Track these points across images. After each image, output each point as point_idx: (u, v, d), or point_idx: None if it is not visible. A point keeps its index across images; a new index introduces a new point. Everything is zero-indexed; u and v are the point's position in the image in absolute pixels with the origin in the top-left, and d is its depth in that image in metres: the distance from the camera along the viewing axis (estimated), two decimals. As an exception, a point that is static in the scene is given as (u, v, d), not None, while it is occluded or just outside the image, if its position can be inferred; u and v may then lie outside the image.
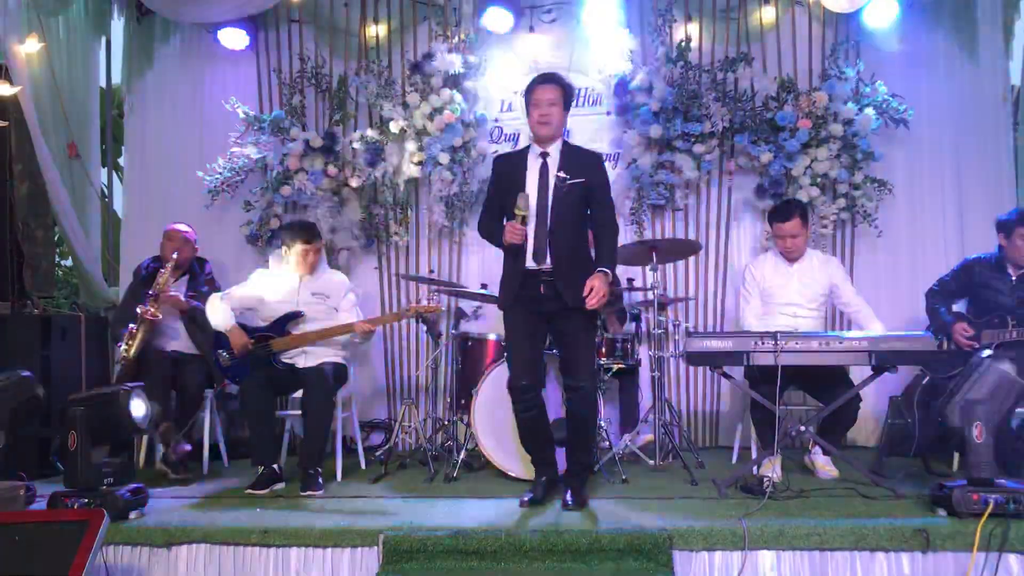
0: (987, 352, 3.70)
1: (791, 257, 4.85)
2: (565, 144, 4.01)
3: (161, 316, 4.88)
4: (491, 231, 4.09)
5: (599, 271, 3.81)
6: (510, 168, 4.02)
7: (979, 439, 3.43)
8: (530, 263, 3.89)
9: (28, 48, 5.45)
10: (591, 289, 3.73)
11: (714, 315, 5.92)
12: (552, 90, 3.93)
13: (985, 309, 4.70)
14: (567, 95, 3.98)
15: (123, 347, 4.82)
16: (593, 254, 4.06)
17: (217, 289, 5.23)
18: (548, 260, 3.86)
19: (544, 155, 3.95)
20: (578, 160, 3.96)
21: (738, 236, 5.95)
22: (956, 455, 4.58)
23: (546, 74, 4.07)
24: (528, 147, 4.07)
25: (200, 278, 5.29)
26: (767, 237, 5.66)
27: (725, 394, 5.85)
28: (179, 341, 5.12)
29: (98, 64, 6.39)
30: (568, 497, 3.84)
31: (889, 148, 5.70)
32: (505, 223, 3.89)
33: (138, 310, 4.82)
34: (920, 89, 5.77)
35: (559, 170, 3.90)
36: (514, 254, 3.94)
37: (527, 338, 3.97)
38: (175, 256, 5.02)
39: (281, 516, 3.79)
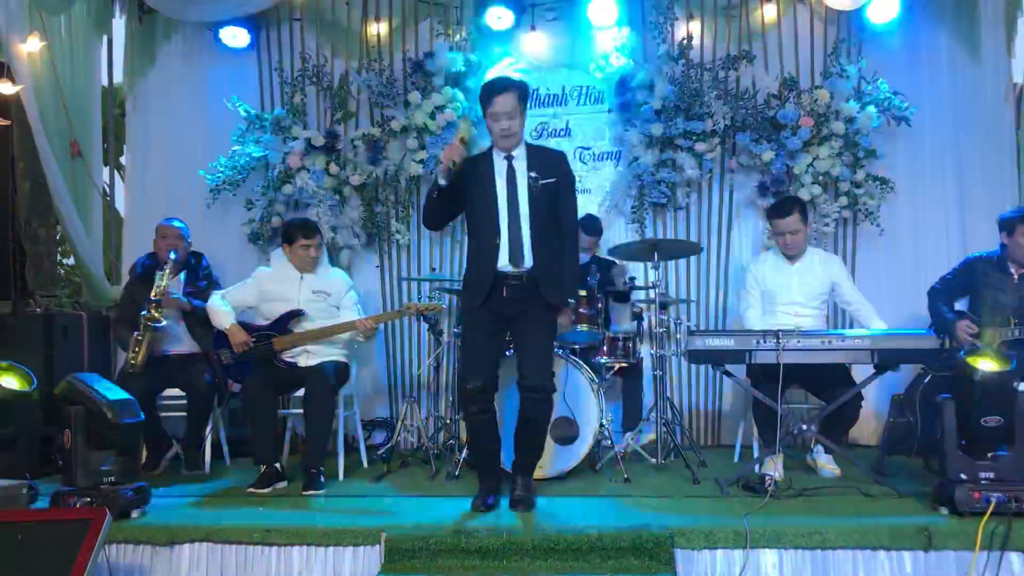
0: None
1: (791, 254, 4.84)
2: (528, 145, 3.96)
3: (165, 322, 4.87)
4: (430, 197, 3.96)
5: (564, 307, 3.90)
6: (474, 171, 3.90)
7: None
8: (504, 265, 3.82)
9: (30, 47, 5.44)
10: (563, 326, 3.93)
11: (716, 313, 5.92)
12: (510, 99, 3.80)
13: (988, 307, 4.69)
14: (524, 97, 3.87)
15: (130, 355, 4.81)
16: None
17: (215, 283, 5.24)
18: (528, 261, 3.81)
19: (509, 158, 3.88)
20: (546, 160, 3.92)
21: (740, 234, 5.94)
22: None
23: (498, 80, 3.96)
24: (490, 150, 3.96)
25: (198, 272, 5.26)
26: (768, 236, 5.65)
27: (727, 393, 5.84)
28: (182, 343, 5.12)
29: (100, 63, 6.38)
30: (516, 498, 3.83)
31: (891, 146, 5.69)
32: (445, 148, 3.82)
33: (142, 315, 4.82)
34: (922, 86, 5.76)
35: (530, 170, 3.85)
36: (484, 259, 3.86)
37: (486, 340, 3.89)
38: (172, 256, 5.01)
39: (283, 515, 3.79)
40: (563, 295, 3.86)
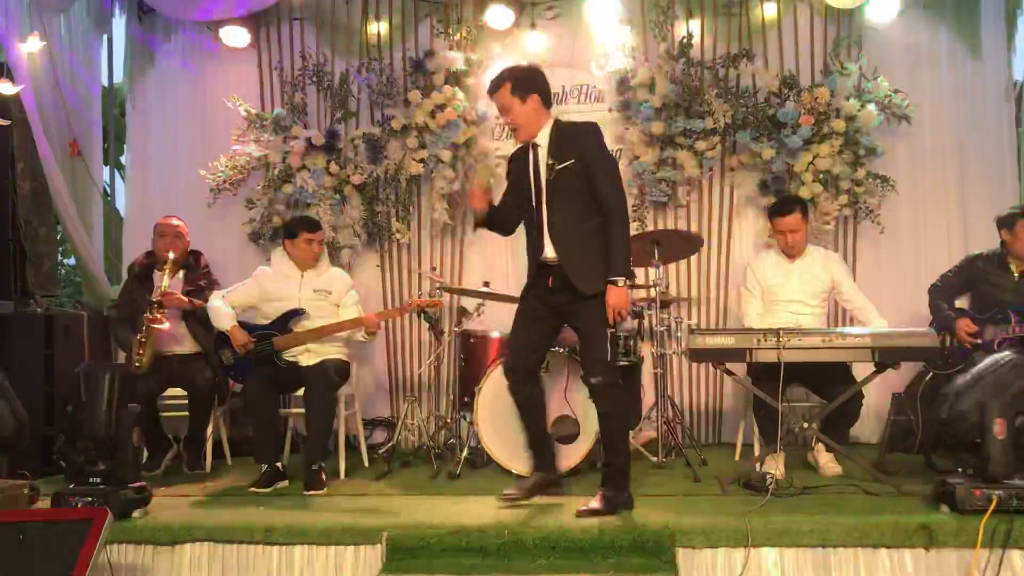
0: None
1: (792, 253, 4.84)
2: (555, 126, 3.83)
3: (168, 324, 4.87)
4: (503, 229, 4.12)
5: (610, 284, 3.64)
6: (516, 164, 3.98)
7: (1000, 435, 3.41)
8: (546, 254, 3.80)
9: (30, 47, 5.44)
10: (610, 304, 3.64)
11: (716, 312, 5.91)
12: (502, 94, 3.79)
13: (988, 305, 4.69)
14: (516, 87, 3.78)
15: (135, 356, 4.81)
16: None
17: (214, 281, 5.23)
18: (548, 252, 3.78)
19: (535, 146, 3.83)
20: (567, 139, 3.77)
21: (740, 233, 5.94)
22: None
23: (491, 82, 3.91)
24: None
25: (196, 271, 5.23)
26: (769, 234, 5.64)
27: (728, 391, 5.84)
28: (183, 343, 5.11)
29: (100, 62, 6.39)
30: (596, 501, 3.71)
31: (891, 144, 5.69)
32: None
33: (145, 317, 4.82)
34: (922, 84, 5.76)
35: (549, 157, 3.76)
36: (531, 248, 3.89)
37: (529, 324, 3.91)
38: (172, 256, 5.00)
39: (284, 514, 3.79)
40: (609, 274, 3.64)
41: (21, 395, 4.38)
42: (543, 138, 3.82)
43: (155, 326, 4.81)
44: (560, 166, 3.72)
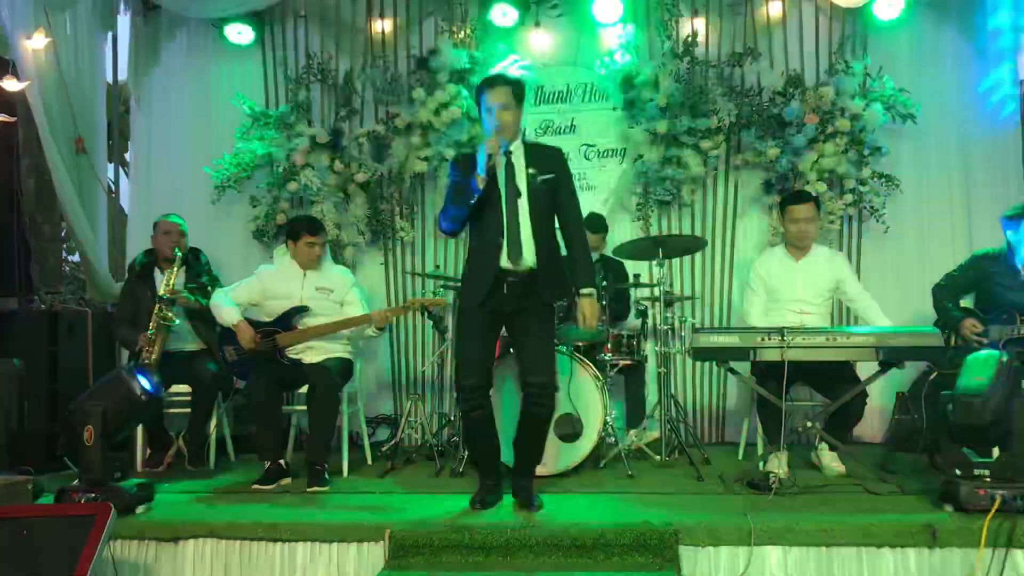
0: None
1: (801, 245, 4.84)
2: (526, 142, 3.92)
3: (178, 321, 4.88)
4: (457, 189, 3.88)
5: (585, 294, 3.77)
6: (471, 166, 3.84)
7: None
8: (505, 264, 3.76)
9: (35, 43, 5.45)
10: (584, 315, 3.75)
11: (720, 311, 5.91)
12: (503, 93, 3.79)
13: (993, 304, 4.67)
14: (518, 93, 3.84)
15: (144, 353, 4.82)
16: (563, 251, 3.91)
17: (216, 279, 5.23)
18: (530, 260, 3.76)
19: (507, 153, 3.81)
20: (543, 157, 3.87)
21: (745, 232, 5.92)
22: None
23: (493, 76, 3.97)
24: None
25: (197, 268, 5.24)
26: (774, 232, 5.65)
27: (731, 390, 5.83)
28: (187, 341, 5.12)
29: (104, 59, 6.39)
30: (522, 501, 3.81)
31: (896, 143, 5.68)
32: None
33: (155, 314, 4.82)
34: (928, 84, 5.74)
35: (528, 167, 3.81)
36: (485, 258, 3.82)
37: (482, 338, 3.87)
38: (178, 254, 5.01)
39: (288, 511, 3.80)
40: (579, 285, 3.79)
41: (25, 391, 4.39)
42: (516, 149, 3.85)
43: (165, 323, 4.82)
44: (543, 177, 3.80)
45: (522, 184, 3.80)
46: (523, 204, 3.78)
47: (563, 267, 3.87)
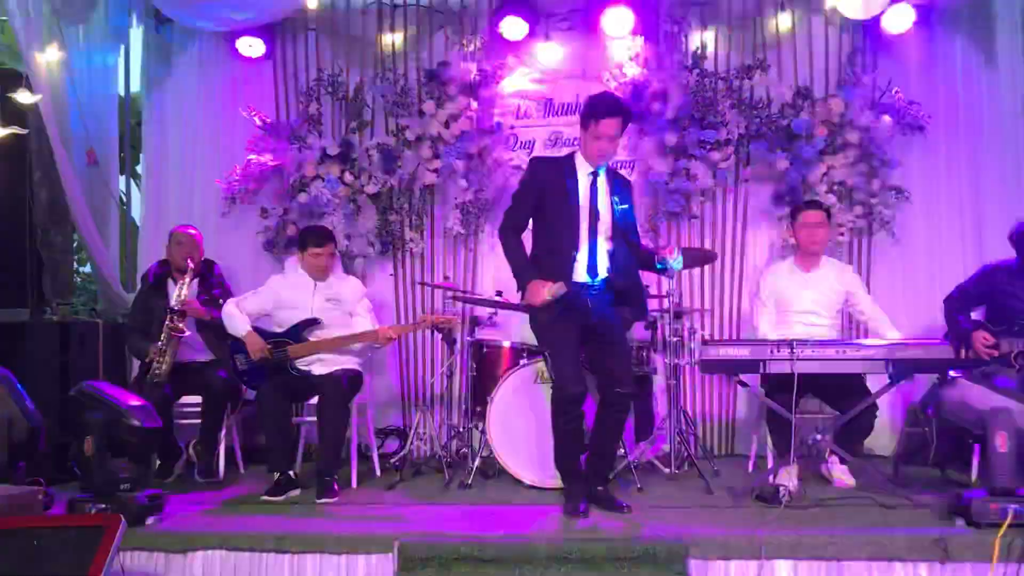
0: None
1: (815, 251, 4.85)
2: (610, 168, 4.13)
3: (189, 332, 4.90)
4: (517, 229, 4.07)
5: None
6: (556, 174, 4.07)
7: (1002, 448, 3.40)
8: (581, 277, 3.97)
9: (48, 57, 5.49)
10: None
11: (730, 323, 5.90)
12: (618, 124, 3.95)
13: (1005, 317, 4.64)
14: (627, 123, 4.06)
15: (155, 364, 4.83)
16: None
17: (229, 291, 5.25)
18: (602, 272, 4.00)
19: (594, 174, 4.03)
20: (623, 186, 4.18)
21: (754, 244, 5.92)
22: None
23: (612, 102, 4.03)
24: (572, 156, 4.13)
25: (211, 280, 5.26)
26: (783, 244, 5.64)
27: (741, 402, 5.82)
28: (197, 352, 5.12)
29: (117, 72, 6.43)
30: (606, 506, 3.96)
31: (906, 155, 5.68)
32: (535, 286, 3.86)
33: (166, 325, 4.84)
34: (937, 96, 5.74)
35: (612, 194, 4.04)
36: (558, 271, 3.95)
37: (575, 347, 3.99)
38: (191, 265, 5.02)
39: (297, 522, 3.80)
40: (641, 313, 4.26)
41: (36, 402, 4.39)
42: (603, 172, 4.06)
43: (177, 334, 4.84)
44: (622, 206, 4.08)
45: (604, 209, 4.02)
46: (603, 227, 4.02)
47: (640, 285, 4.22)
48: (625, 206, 4.09)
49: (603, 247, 4.01)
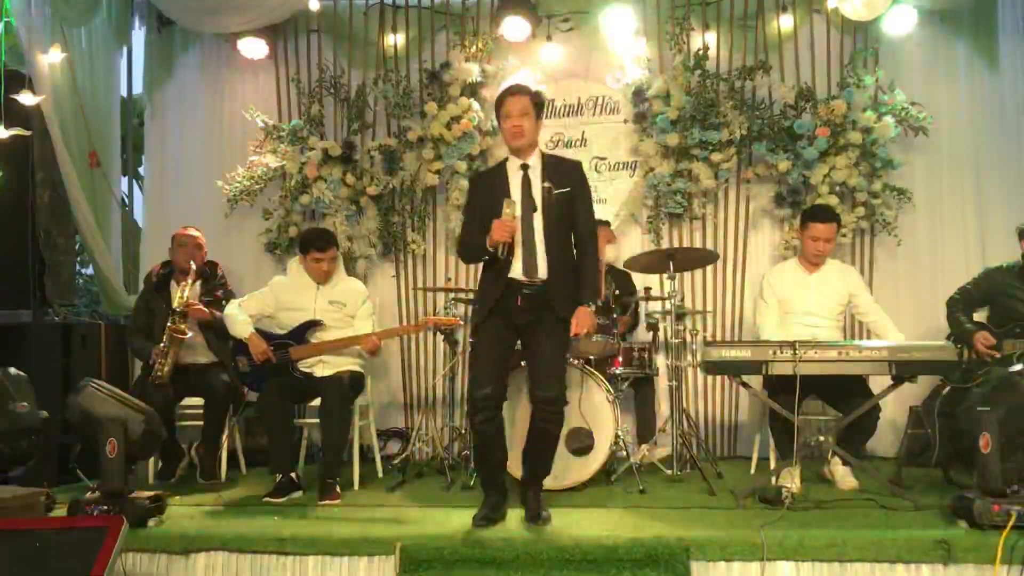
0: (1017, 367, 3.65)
1: (816, 262, 4.84)
2: (545, 154, 3.96)
3: (191, 334, 4.90)
4: (475, 246, 3.91)
5: (582, 306, 3.77)
6: (490, 183, 3.93)
7: (985, 450, 3.40)
8: (517, 275, 3.80)
9: (51, 58, 5.50)
10: (577, 323, 3.75)
11: (732, 324, 5.89)
12: (521, 101, 3.84)
13: (1007, 318, 4.65)
14: (537, 104, 3.90)
15: (157, 366, 4.83)
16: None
17: (231, 293, 5.25)
18: (542, 272, 3.79)
19: (524, 166, 3.87)
20: (561, 169, 3.91)
21: (756, 245, 5.91)
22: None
23: (514, 86, 4.01)
24: (505, 161, 3.97)
25: (213, 282, 5.26)
26: (786, 246, 5.63)
27: (743, 404, 5.81)
28: (199, 354, 5.12)
29: (119, 74, 6.44)
30: (530, 514, 3.79)
31: (908, 156, 5.67)
32: (495, 222, 3.75)
33: (168, 326, 4.84)
34: (940, 97, 5.74)
35: (544, 180, 3.84)
36: (496, 269, 3.84)
37: (496, 348, 3.86)
38: (194, 267, 5.03)
39: (299, 524, 3.80)
40: (580, 299, 3.79)
41: (39, 403, 4.40)
42: (534, 162, 3.89)
43: (178, 336, 4.84)
44: (558, 191, 3.83)
45: (537, 198, 3.82)
46: (538, 218, 3.81)
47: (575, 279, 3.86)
48: (566, 189, 3.82)
49: (540, 243, 3.79)
